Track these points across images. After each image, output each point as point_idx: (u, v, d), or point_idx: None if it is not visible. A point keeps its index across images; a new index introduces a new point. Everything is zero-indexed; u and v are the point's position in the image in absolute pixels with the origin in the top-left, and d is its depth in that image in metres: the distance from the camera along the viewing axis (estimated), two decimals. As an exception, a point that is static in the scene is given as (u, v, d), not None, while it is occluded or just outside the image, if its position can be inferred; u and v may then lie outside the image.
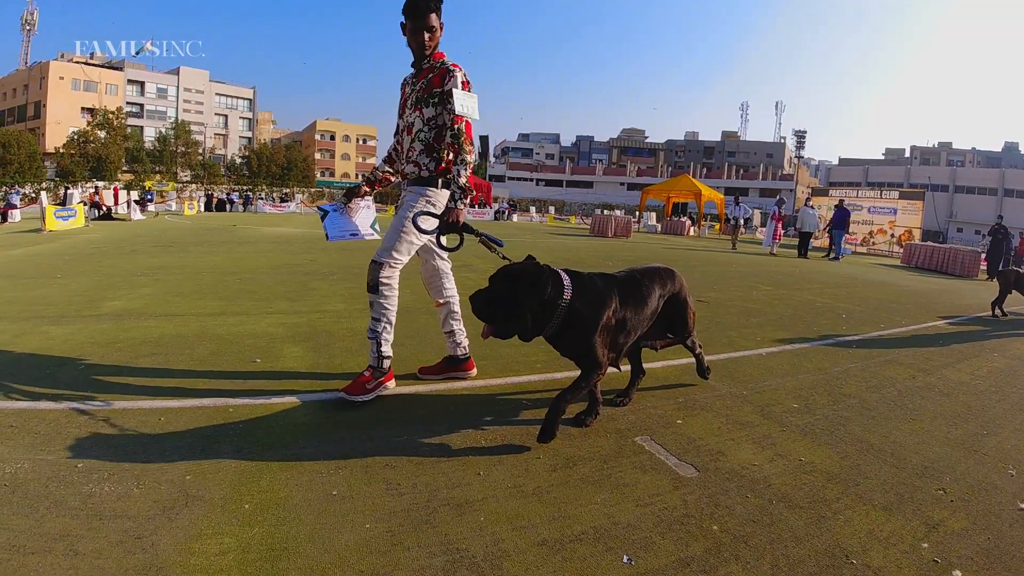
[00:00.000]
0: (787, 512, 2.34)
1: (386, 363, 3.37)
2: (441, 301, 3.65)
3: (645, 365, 3.51)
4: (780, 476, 2.64)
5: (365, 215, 3.88)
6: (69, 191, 29.78)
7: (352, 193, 3.81)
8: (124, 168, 56.82)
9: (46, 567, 1.86)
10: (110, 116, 56.19)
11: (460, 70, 3.27)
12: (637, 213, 37.10)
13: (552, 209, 52.06)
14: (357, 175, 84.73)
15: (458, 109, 3.19)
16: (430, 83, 3.30)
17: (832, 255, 18.43)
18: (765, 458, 2.82)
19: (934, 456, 2.98)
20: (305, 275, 8.27)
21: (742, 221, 22.36)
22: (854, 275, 12.60)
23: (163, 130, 63.38)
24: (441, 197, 3.41)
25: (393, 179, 3.75)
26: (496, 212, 39.02)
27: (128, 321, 5.14)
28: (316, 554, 1.98)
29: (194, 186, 56.03)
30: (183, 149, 62.52)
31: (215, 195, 41.18)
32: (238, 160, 70.06)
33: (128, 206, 25.59)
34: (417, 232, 3.25)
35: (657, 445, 2.90)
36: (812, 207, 20.05)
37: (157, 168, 59.73)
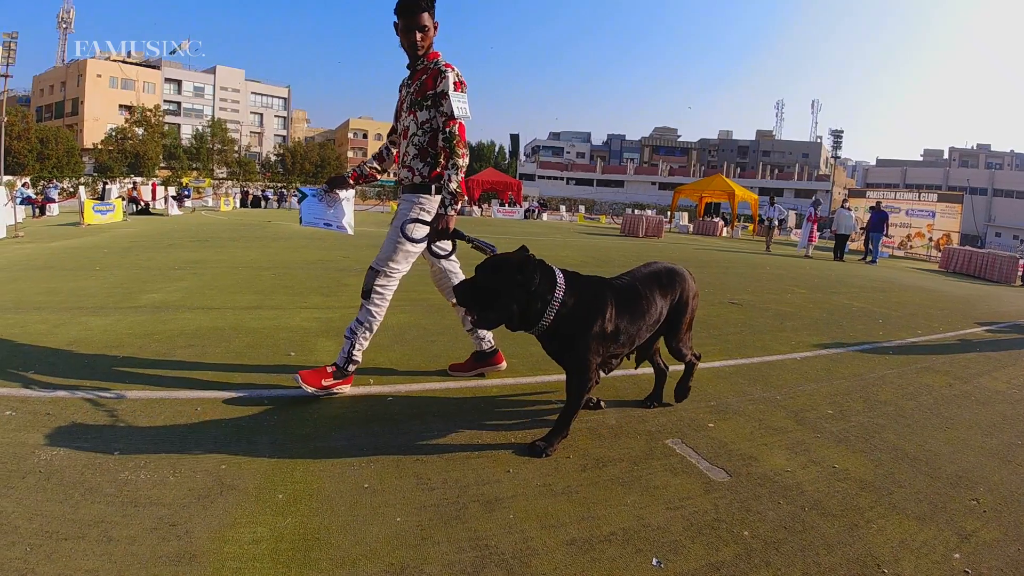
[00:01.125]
0: (819, 519, 2.30)
1: (351, 367, 3.36)
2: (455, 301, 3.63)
3: (677, 368, 3.46)
4: (813, 483, 2.60)
5: (344, 208, 3.76)
6: (107, 186, 30.53)
7: (336, 182, 3.70)
8: (161, 164, 58.12)
9: (79, 553, 1.91)
10: (148, 114, 57.46)
11: (452, 70, 3.18)
12: (669, 213, 36.52)
13: (582, 208, 51.68)
14: (389, 173, 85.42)
15: (457, 112, 3.11)
16: (423, 85, 3.22)
17: (869, 258, 18.04)
18: (798, 464, 2.78)
19: (969, 466, 2.92)
20: (338, 271, 8.37)
21: (776, 222, 21.97)
22: (891, 279, 12.33)
23: (200, 128, 64.63)
24: (435, 203, 3.32)
25: (379, 176, 3.70)
26: (526, 211, 38.90)
27: (165, 313, 5.27)
28: (347, 545, 2.00)
29: (230, 183, 57.10)
30: (219, 147, 63.67)
31: (250, 192, 41.88)
32: (273, 158, 71.14)
33: (165, 202, 26.11)
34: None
35: (688, 448, 2.87)
36: (849, 209, 19.64)
37: (194, 165, 60.96)
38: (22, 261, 8.80)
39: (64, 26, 75.13)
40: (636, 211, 33.23)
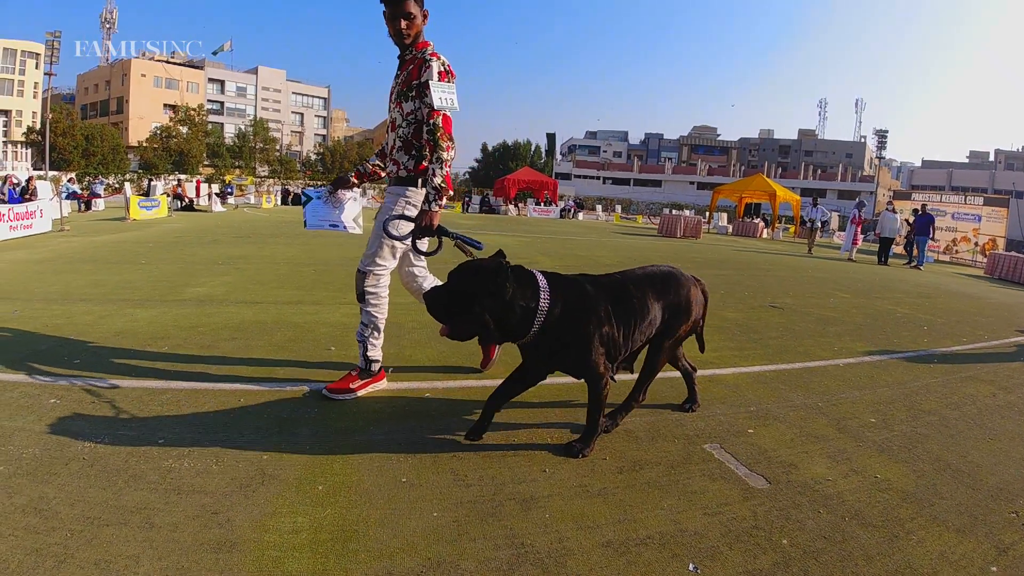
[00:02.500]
0: (859, 530, 2.25)
1: (374, 366, 3.37)
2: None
3: (705, 372, 3.41)
4: (854, 493, 2.54)
5: (350, 208, 3.74)
6: (152, 183, 31.38)
7: (340, 182, 3.67)
8: (205, 162, 59.48)
9: (121, 539, 1.96)
10: (192, 113, 58.89)
11: (438, 59, 3.07)
12: (707, 213, 35.95)
13: (619, 208, 51.29)
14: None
15: (436, 103, 2.99)
16: (409, 75, 3.12)
17: (914, 263, 17.52)
18: (839, 473, 2.72)
19: (1010, 478, 2.83)
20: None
21: (819, 224, 21.47)
22: (936, 284, 11.97)
23: (242, 127, 66.04)
24: (421, 197, 3.22)
25: (382, 174, 3.61)
26: (561, 211, 38.75)
27: (209, 307, 5.40)
28: (385, 538, 2.03)
29: (271, 181, 58.07)
30: (261, 145, 64.88)
31: (291, 190, 42.60)
32: (313, 156, 72.28)
33: (209, 198, 26.78)
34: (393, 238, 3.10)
35: (727, 454, 2.83)
36: (894, 211, 19.08)
37: (236, 163, 62.23)
38: (68, 254, 9.11)
39: (107, 26, 77.60)
40: (674, 211, 32.72)
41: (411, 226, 3.06)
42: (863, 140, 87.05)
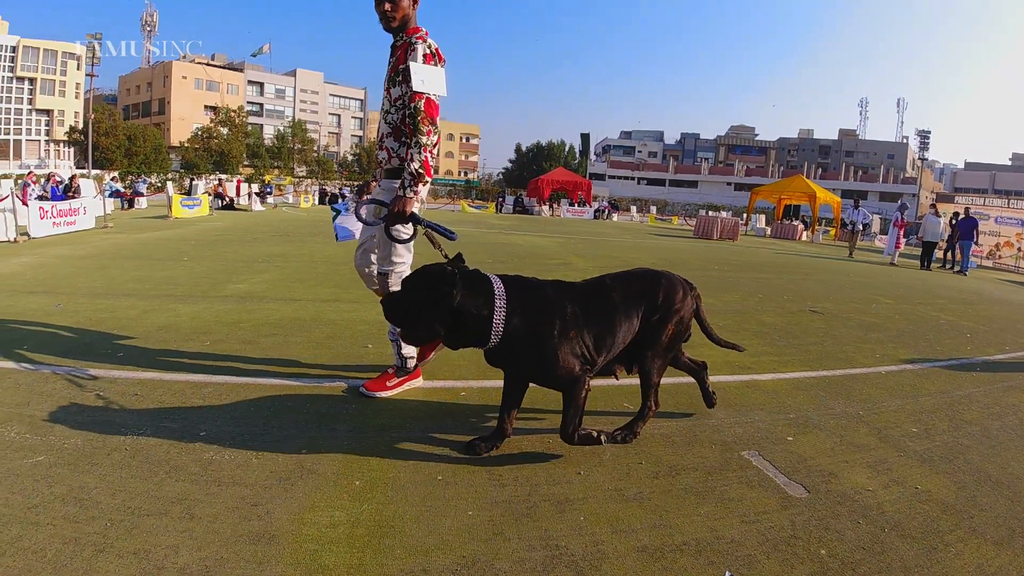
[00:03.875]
0: (898, 541, 2.20)
1: (410, 363, 3.36)
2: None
3: (744, 377, 3.35)
4: (894, 504, 2.48)
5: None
6: (194, 182, 32.14)
7: (363, 190, 3.63)
8: (245, 162, 60.84)
9: (160, 529, 2.00)
10: (232, 114, 60.28)
11: (424, 42, 3.00)
12: (745, 215, 35.21)
13: (653, 209, 50.76)
14: (460, 172, 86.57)
15: (416, 85, 2.91)
16: (396, 61, 3.06)
17: (957, 267, 16.99)
18: (880, 484, 2.66)
19: (1050, 490, 2.73)
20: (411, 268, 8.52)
21: (861, 227, 20.96)
22: (980, 291, 11.59)
23: (281, 128, 67.32)
24: (422, 190, 3.18)
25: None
26: (595, 211, 38.50)
27: (250, 303, 5.51)
28: (421, 535, 2.04)
29: (309, 181, 59.08)
30: (299, 146, 66.07)
31: (328, 190, 43.24)
32: (350, 157, 73.27)
33: (249, 198, 27.31)
34: (390, 228, 2.99)
35: (765, 461, 2.78)
36: (937, 214, 18.53)
37: (275, 163, 63.49)
38: (112, 250, 9.38)
39: (148, 29, 79.82)
40: (710, 212, 32.30)
41: (383, 212, 2.99)
42: (905, 141, 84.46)
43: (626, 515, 2.24)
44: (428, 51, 3.00)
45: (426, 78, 2.94)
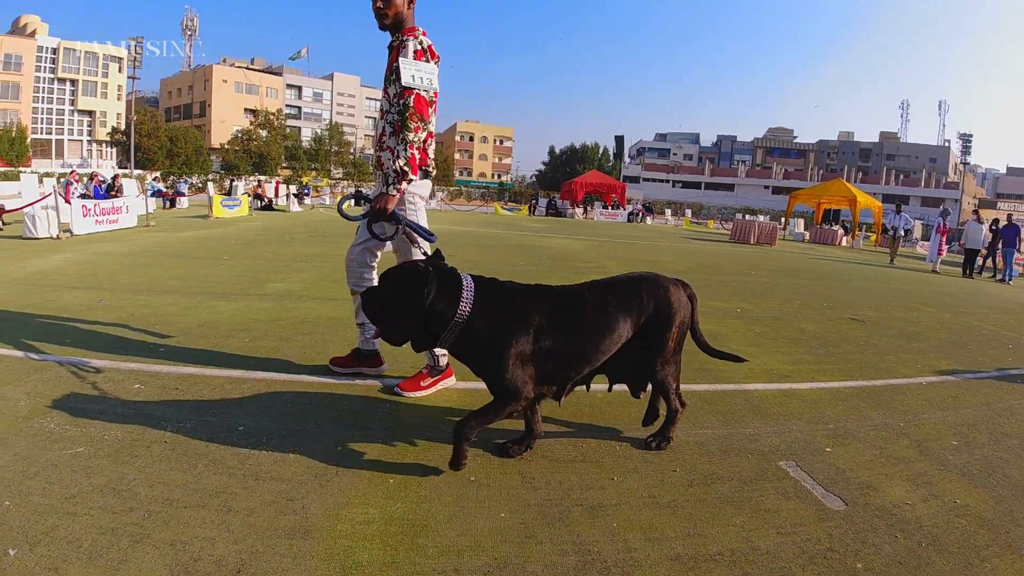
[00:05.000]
0: (935, 556, 2.14)
1: (442, 361, 3.36)
2: (359, 292, 3.33)
3: (782, 386, 3.27)
4: (932, 518, 2.42)
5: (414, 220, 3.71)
6: (234, 183, 32.80)
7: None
8: (283, 164, 61.99)
9: (198, 521, 2.05)
10: (271, 117, 61.55)
11: (415, 39, 3.00)
12: (783, 219, 34.49)
13: (689, 212, 50.12)
14: (494, 174, 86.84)
15: (406, 80, 2.90)
16: (391, 60, 3.06)
17: (998, 275, 16.44)
18: (919, 497, 2.59)
19: (1088, 505, 2.63)
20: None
21: (902, 233, 20.42)
22: (1022, 300, 11.21)
23: (318, 131, 68.40)
24: (421, 189, 3.19)
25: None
26: (629, 214, 38.17)
27: (288, 302, 5.61)
28: (453, 535, 2.05)
29: (346, 182, 59.88)
30: (336, 149, 67.04)
31: (364, 191, 43.73)
32: (385, 159, 74.03)
33: (287, 199, 27.80)
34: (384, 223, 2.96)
35: (803, 472, 2.72)
36: (980, 221, 17.96)
37: (313, 165, 64.52)
38: (154, 248, 9.63)
39: (189, 33, 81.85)
40: (747, 216, 31.72)
41: (365, 208, 2.96)
42: (947, 144, 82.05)
43: (659, 523, 2.21)
44: (419, 47, 3.00)
45: (416, 73, 2.94)
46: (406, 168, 2.89)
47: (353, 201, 3.18)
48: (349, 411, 3.07)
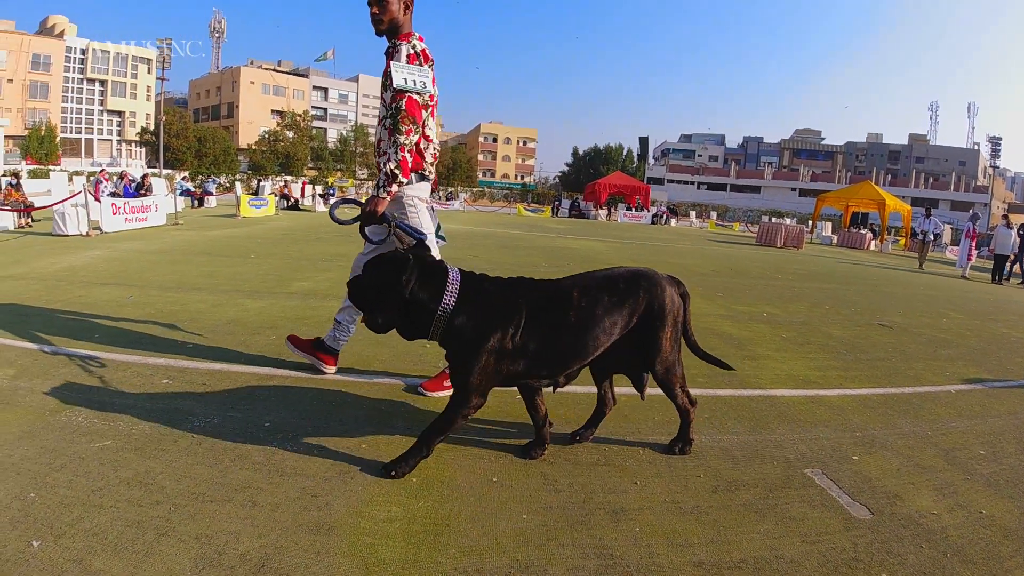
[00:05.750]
0: (960, 567, 2.10)
1: None
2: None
3: (808, 392, 3.21)
4: (958, 528, 2.37)
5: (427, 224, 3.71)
6: (261, 183, 33.24)
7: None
8: (309, 165, 62.70)
9: (223, 515, 2.07)
10: (297, 118, 62.27)
11: (407, 42, 2.99)
12: (810, 222, 33.98)
13: (714, 214, 49.64)
14: (517, 176, 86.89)
15: (397, 83, 2.90)
16: (386, 65, 3.05)
17: None
18: (945, 507, 2.54)
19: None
20: (468, 268, 8.59)
21: (932, 237, 20.03)
22: (1055, 308, 10.93)
23: (344, 132, 69.04)
24: (419, 191, 3.20)
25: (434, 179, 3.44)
26: (653, 216, 37.88)
27: (314, 300, 5.68)
28: (475, 536, 2.05)
29: (370, 183, 60.36)
30: (361, 150, 67.55)
31: (356, 196, 44.10)
32: (410, 161, 74.47)
33: (313, 199, 28.13)
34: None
35: (829, 480, 2.68)
36: (1010, 226, 17.54)
37: (338, 166, 65.14)
38: (183, 246, 9.79)
39: (216, 35, 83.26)
40: (773, 219, 31.31)
41: (357, 211, 2.98)
42: (976, 147, 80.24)
43: (683, 528, 2.19)
44: (412, 51, 3.01)
45: (408, 76, 2.94)
46: (396, 171, 2.90)
47: (347, 207, 3.20)
48: (372, 409, 3.09)
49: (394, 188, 2.92)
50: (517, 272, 2.74)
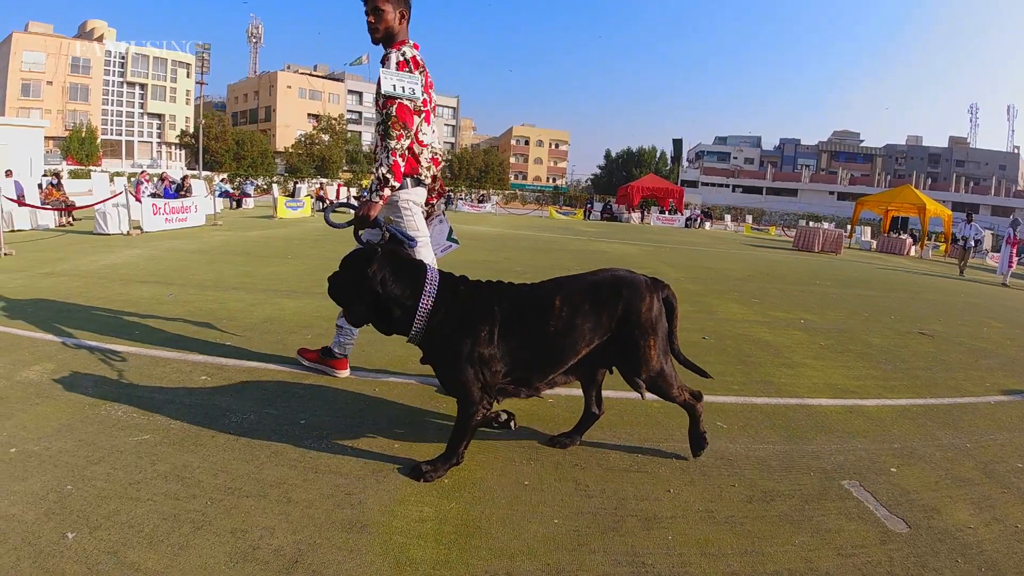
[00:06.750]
0: (993, 581, 2.05)
1: None
2: None
3: (847, 402, 3.13)
4: (994, 542, 2.30)
5: (439, 229, 3.69)
6: (297, 185, 33.77)
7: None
8: (344, 168, 63.49)
9: (258, 510, 2.11)
10: (333, 122, 63.12)
11: (398, 50, 3.05)
12: (849, 227, 33.06)
13: (749, 218, 48.86)
14: (549, 178, 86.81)
15: (386, 89, 2.95)
16: (380, 75, 3.08)
17: None
18: (981, 521, 2.47)
19: None
20: (500, 272, 8.58)
21: (973, 243, 19.44)
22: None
23: (378, 136, 69.80)
24: (414, 196, 3.23)
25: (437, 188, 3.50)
26: (687, 220, 37.46)
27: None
28: (506, 539, 2.05)
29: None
30: (396, 153, 68.16)
31: (351, 200, 44.40)
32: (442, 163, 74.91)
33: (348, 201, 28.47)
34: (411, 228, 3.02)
35: (866, 493, 2.62)
36: (1050, 232, 16.96)
37: (372, 169, 65.78)
38: (221, 246, 10.00)
39: (254, 40, 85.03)
40: (811, 223, 30.65)
41: (350, 215, 3.01)
42: (1016, 151, 77.71)
43: (716, 538, 2.17)
44: (401, 59, 3.05)
45: (398, 83, 2.99)
46: (388, 175, 2.94)
47: (342, 211, 3.25)
48: (406, 409, 3.13)
49: (386, 192, 2.96)
50: (548, 275, 2.73)
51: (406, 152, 3.03)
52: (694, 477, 2.63)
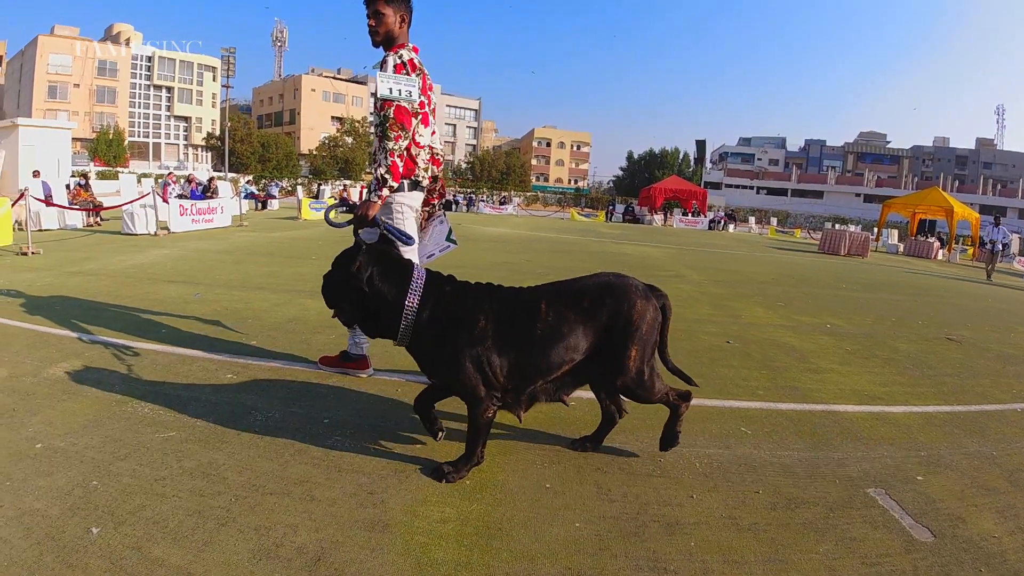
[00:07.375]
0: (1015, 591, 2.00)
1: None
2: None
3: (873, 408, 3.06)
4: (1017, 552, 2.26)
5: (439, 230, 3.74)
6: (321, 187, 34.08)
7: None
8: (367, 170, 63.94)
9: (282, 508, 2.14)
10: (356, 125, 63.68)
11: (395, 53, 3.09)
12: (875, 229, 32.42)
13: (774, 220, 48.26)
14: (570, 180, 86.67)
15: (383, 92, 3.00)
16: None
17: None
18: (1006, 530, 2.42)
19: None
20: (521, 274, 8.64)
21: (1000, 247, 19.01)
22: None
23: (401, 138, 70.32)
24: (410, 199, 3.27)
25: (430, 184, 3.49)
26: (710, 222, 37.06)
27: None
28: (527, 541, 2.06)
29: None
30: (419, 155, 68.62)
31: (350, 199, 44.58)
32: (463, 165, 75.23)
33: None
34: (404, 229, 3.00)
35: (892, 501, 2.58)
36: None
37: (396, 171, 66.25)
38: (247, 247, 10.13)
39: (279, 44, 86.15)
40: (837, 225, 30.22)
41: (350, 216, 3.06)
42: (1039, 152, 75.94)
43: (739, 545, 2.15)
44: (399, 62, 3.09)
45: (395, 86, 3.03)
46: (387, 176, 2.99)
47: (341, 211, 3.28)
48: (428, 411, 3.13)
49: (385, 192, 3.01)
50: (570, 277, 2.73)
51: (404, 153, 3.09)
52: (717, 483, 2.61)
